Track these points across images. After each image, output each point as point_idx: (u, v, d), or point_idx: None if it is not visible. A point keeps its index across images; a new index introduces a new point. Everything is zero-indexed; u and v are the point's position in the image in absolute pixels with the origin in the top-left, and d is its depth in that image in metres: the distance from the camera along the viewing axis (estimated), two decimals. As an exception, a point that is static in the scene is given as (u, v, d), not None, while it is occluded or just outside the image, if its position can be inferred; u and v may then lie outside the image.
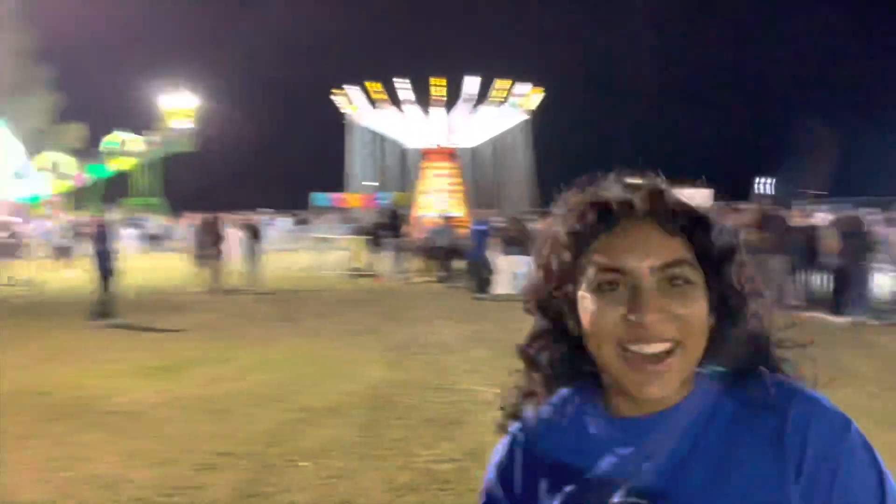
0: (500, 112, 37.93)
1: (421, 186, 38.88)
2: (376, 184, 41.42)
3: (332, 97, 38.58)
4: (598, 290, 0.83)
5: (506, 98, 37.49)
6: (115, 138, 44.94)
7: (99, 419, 5.82)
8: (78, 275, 17.21)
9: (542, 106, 39.10)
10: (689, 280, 0.82)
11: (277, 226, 31.07)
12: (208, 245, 15.46)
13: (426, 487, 4.32)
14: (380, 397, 6.41)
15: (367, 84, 37.19)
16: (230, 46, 60.02)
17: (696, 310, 0.82)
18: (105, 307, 10.92)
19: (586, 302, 0.84)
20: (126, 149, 45.16)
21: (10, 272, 17.24)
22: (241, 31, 60.80)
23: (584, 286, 0.85)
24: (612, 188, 0.87)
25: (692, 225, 0.85)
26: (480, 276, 14.56)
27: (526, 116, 39.35)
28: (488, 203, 32.59)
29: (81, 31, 48.58)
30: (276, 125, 57.79)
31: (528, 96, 38.17)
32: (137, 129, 45.96)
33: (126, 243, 11.13)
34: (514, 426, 0.96)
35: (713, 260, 0.85)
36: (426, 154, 39.28)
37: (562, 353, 0.92)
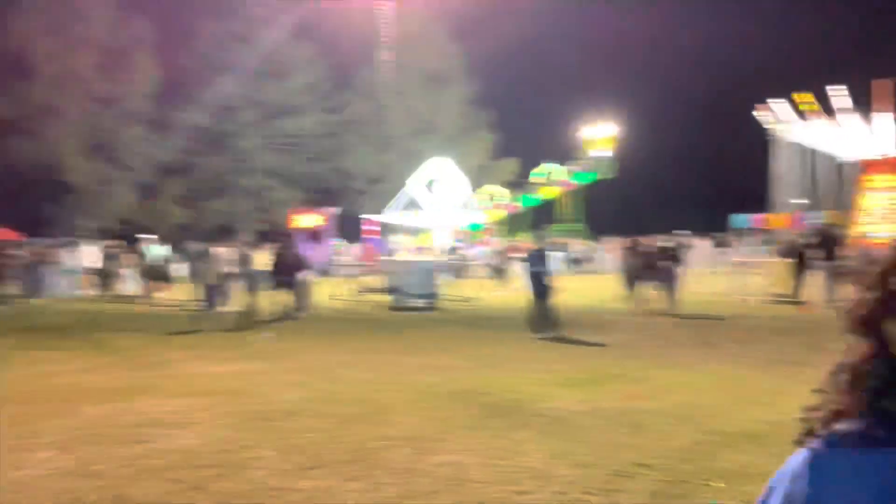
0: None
1: (860, 203, 34.50)
2: (805, 202, 37.93)
3: (755, 113, 36.63)
4: None
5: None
6: (543, 170, 49.07)
7: (529, 420, 6.56)
8: (509, 293, 19.34)
9: None
10: None
11: (696, 248, 30.53)
12: (632, 268, 16.13)
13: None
14: (803, 430, 6.02)
15: (795, 95, 34.47)
16: (647, 72, 61.09)
17: None
18: (541, 322, 12.10)
19: None
20: (552, 178, 48.97)
21: (459, 290, 20.09)
22: (657, 53, 61.50)
23: None
24: None
25: None
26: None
27: None
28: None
29: (514, 78, 54.38)
30: (693, 146, 56.87)
31: None
32: (562, 160, 49.54)
33: (554, 266, 12.29)
34: (815, 443, 0.97)
35: None
36: (868, 167, 34.75)
37: (881, 375, 0.94)
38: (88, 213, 42.48)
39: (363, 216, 37.98)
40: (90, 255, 24.29)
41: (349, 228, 38.01)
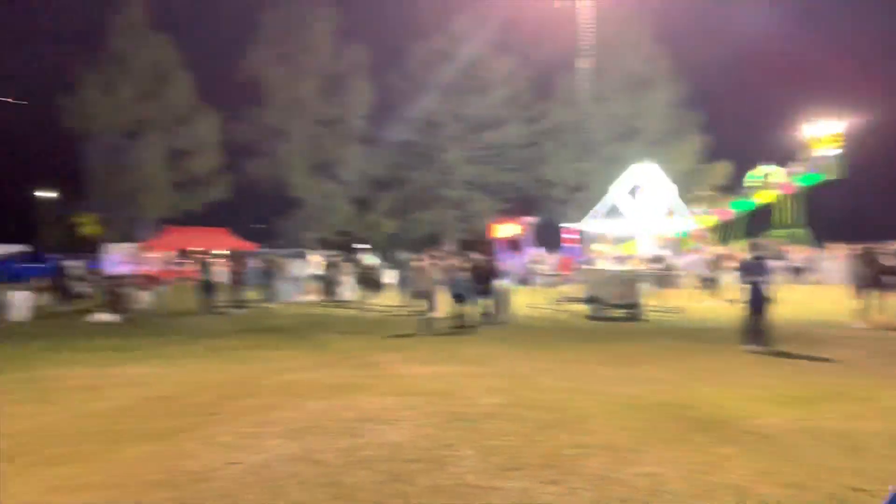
0: None
1: None
2: None
3: None
4: None
5: None
6: (759, 172, 45.96)
7: (734, 436, 6.28)
8: (719, 304, 18.38)
9: None
10: None
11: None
12: (864, 277, 14.67)
13: None
14: None
15: None
16: (876, 63, 55.06)
17: None
18: (755, 335, 11.41)
19: None
20: (769, 181, 45.73)
21: (664, 300, 19.44)
22: (888, 41, 55.17)
23: None
24: None
25: None
26: None
27: None
28: None
29: (726, 78, 51.45)
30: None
31: None
32: (781, 162, 46.12)
33: (772, 275, 11.52)
34: None
35: None
36: None
37: None
38: (312, 226, 46.45)
39: (562, 225, 37.92)
40: (314, 263, 26.63)
41: (549, 237, 38.15)
